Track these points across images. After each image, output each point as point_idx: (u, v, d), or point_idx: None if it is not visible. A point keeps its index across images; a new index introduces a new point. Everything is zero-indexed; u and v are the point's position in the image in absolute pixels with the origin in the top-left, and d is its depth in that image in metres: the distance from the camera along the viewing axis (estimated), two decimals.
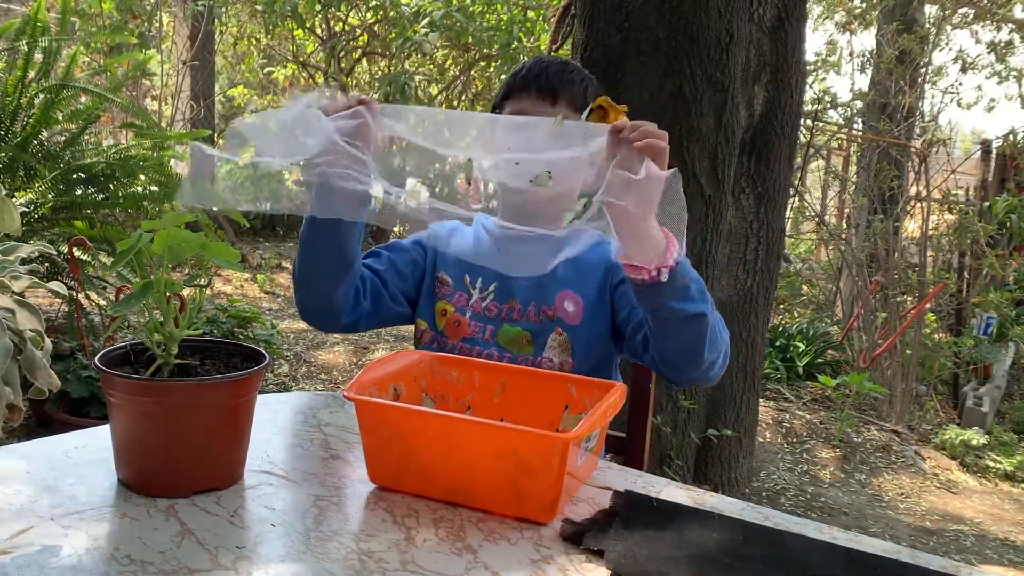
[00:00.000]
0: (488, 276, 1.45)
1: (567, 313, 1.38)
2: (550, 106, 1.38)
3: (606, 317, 1.39)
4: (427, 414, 1.01)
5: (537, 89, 1.39)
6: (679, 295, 1.15)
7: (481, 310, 1.42)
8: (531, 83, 1.40)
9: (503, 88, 1.46)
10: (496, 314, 1.40)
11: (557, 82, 1.39)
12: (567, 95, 1.39)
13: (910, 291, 4.83)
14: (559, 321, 1.37)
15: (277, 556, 0.80)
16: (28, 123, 3.10)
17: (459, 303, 1.43)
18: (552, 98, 1.39)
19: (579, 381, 1.12)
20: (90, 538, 0.81)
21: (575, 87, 1.40)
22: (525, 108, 1.39)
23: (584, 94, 1.39)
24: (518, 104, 1.41)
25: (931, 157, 5.21)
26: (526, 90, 1.40)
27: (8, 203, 0.88)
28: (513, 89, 1.43)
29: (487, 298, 1.43)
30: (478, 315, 1.41)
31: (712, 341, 1.20)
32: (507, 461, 0.90)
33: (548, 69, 1.41)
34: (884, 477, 3.72)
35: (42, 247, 0.94)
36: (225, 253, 0.96)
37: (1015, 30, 6.22)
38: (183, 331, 0.96)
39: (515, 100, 1.42)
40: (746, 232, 3.01)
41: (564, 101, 1.39)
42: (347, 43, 8.03)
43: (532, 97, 1.39)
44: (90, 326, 3.15)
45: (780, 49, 2.88)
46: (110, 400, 0.92)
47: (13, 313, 0.86)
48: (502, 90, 1.46)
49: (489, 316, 1.40)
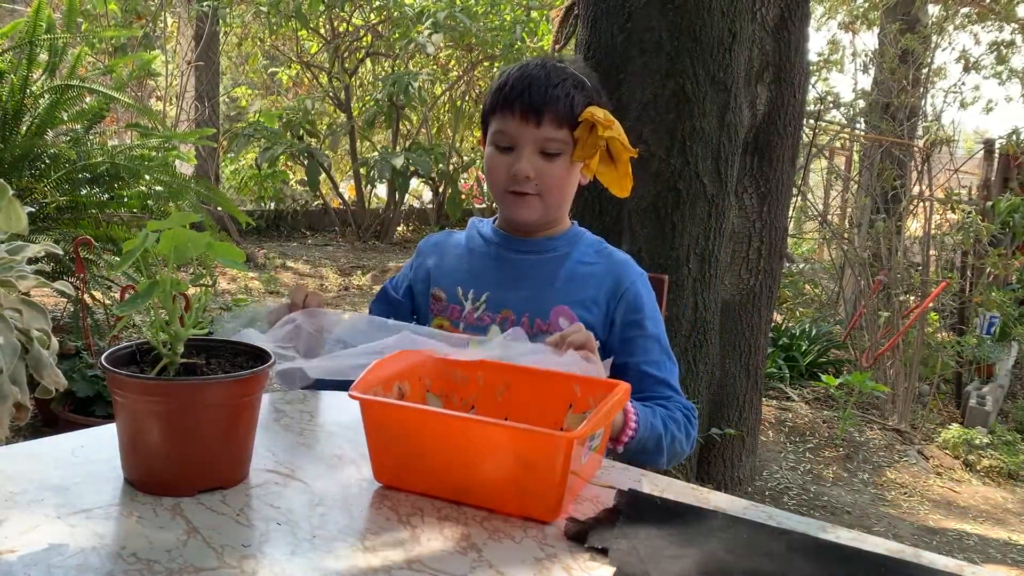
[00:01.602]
0: (481, 286, 1.46)
1: (562, 329, 1.35)
2: (535, 127, 1.38)
3: (599, 342, 1.37)
4: (431, 413, 1.01)
5: (521, 110, 1.38)
6: (636, 453, 1.28)
7: (474, 320, 1.43)
8: (514, 102, 1.38)
9: (488, 100, 1.45)
10: (489, 323, 1.41)
11: (541, 101, 1.37)
12: (552, 114, 1.38)
13: (913, 290, 4.82)
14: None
15: (282, 555, 0.80)
16: (33, 123, 3.11)
17: (453, 316, 1.45)
18: (536, 118, 1.38)
19: (583, 380, 1.12)
20: (96, 537, 0.82)
21: (560, 104, 1.37)
22: (509, 130, 1.40)
23: (571, 108, 1.38)
24: (502, 124, 1.41)
25: (934, 156, 5.20)
26: (509, 109, 1.40)
27: (15, 203, 0.88)
28: (497, 106, 1.42)
29: (479, 308, 1.44)
30: (471, 326, 1.42)
31: (672, 459, 1.34)
32: (511, 460, 0.91)
33: (531, 87, 1.38)
34: (887, 476, 3.71)
35: (48, 247, 0.94)
36: (230, 253, 0.96)
37: (1017, 30, 6.21)
38: (188, 330, 0.96)
39: (500, 119, 1.42)
40: (749, 231, 3.01)
41: (549, 120, 1.38)
42: (351, 43, 8.04)
43: (516, 119, 1.39)
44: (95, 325, 3.16)
45: (783, 49, 2.88)
46: (116, 399, 0.93)
47: (20, 312, 0.86)
48: (487, 103, 1.45)
49: (481, 326, 1.40)
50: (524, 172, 1.39)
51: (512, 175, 1.40)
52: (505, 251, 1.49)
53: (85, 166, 3.15)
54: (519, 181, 1.39)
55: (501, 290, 1.45)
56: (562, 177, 1.42)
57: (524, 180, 1.39)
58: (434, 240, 1.59)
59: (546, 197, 1.41)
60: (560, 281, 1.44)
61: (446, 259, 1.53)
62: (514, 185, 1.40)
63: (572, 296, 1.42)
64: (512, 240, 1.49)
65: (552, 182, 1.41)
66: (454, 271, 1.50)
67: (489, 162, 1.44)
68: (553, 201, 1.43)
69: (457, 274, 1.49)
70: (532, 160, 1.39)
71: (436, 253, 1.55)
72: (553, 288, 1.43)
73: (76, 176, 3.15)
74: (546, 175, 1.40)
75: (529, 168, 1.39)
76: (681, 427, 1.34)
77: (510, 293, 1.44)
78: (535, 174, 1.39)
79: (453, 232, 1.59)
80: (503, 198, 1.44)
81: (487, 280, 1.47)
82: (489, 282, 1.46)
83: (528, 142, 1.39)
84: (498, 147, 1.42)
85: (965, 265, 5.19)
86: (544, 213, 1.44)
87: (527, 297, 1.43)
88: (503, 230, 1.51)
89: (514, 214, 1.45)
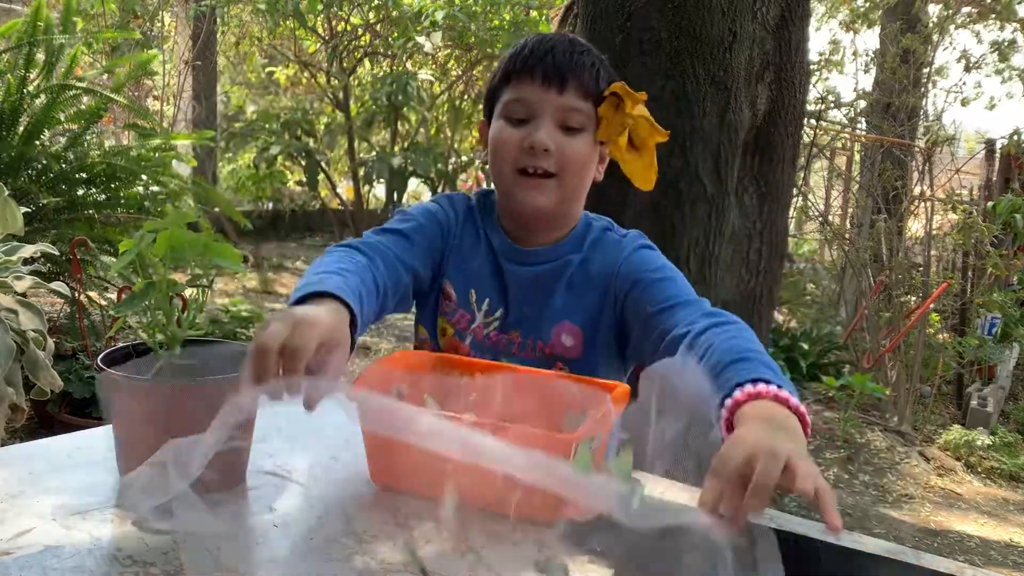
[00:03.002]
0: (496, 297, 1.28)
1: (566, 348, 1.25)
2: (556, 94, 1.20)
3: (609, 339, 1.25)
4: (429, 415, 1.00)
5: (543, 74, 1.20)
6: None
7: (482, 338, 1.27)
8: (535, 66, 1.21)
9: (501, 70, 1.27)
10: (495, 344, 1.27)
11: (565, 66, 1.20)
12: (576, 81, 1.21)
13: (914, 291, 4.81)
14: (558, 356, 1.25)
15: (280, 557, 0.80)
16: (30, 123, 3.10)
17: (459, 325, 1.28)
18: (560, 85, 1.20)
19: (582, 381, 1.12)
20: (92, 539, 0.81)
21: (585, 72, 1.21)
22: (527, 97, 1.21)
23: (596, 79, 1.22)
24: (518, 91, 1.22)
25: (935, 157, 5.20)
26: (528, 74, 1.21)
27: (11, 203, 0.87)
28: (513, 72, 1.23)
29: (490, 325, 1.28)
30: (478, 343, 1.27)
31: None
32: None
33: (554, 50, 1.21)
34: (888, 478, 3.71)
35: (45, 247, 0.94)
36: (227, 254, 0.96)
37: (1018, 29, 6.21)
38: (185, 331, 0.95)
39: (516, 86, 1.23)
40: (749, 232, 3.00)
41: (573, 89, 1.21)
42: (349, 43, 8.03)
43: (536, 84, 1.21)
44: (92, 327, 3.15)
45: (783, 48, 2.87)
46: (112, 401, 0.92)
47: (16, 313, 0.86)
48: (499, 72, 1.27)
49: (487, 346, 1.27)
50: (543, 143, 1.19)
51: (528, 146, 1.20)
52: (514, 264, 1.28)
53: (82, 166, 3.14)
54: (536, 154, 1.20)
55: (512, 306, 1.28)
56: (584, 156, 1.23)
57: (542, 153, 1.20)
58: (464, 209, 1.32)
59: (563, 178, 1.22)
60: (560, 296, 1.26)
61: (464, 247, 1.30)
62: (529, 160, 1.21)
63: (573, 311, 1.26)
64: (521, 252, 1.28)
65: (572, 160, 1.21)
66: (467, 268, 1.29)
67: (498, 137, 1.23)
68: (570, 185, 1.23)
69: (470, 273, 1.29)
70: (551, 133, 1.20)
71: (458, 236, 1.30)
72: (553, 307, 1.26)
73: (73, 177, 3.14)
74: (567, 151, 1.21)
75: (548, 140, 1.19)
76: (760, 346, 1.01)
77: (519, 311, 1.27)
78: (554, 147, 1.20)
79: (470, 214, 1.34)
80: (513, 181, 1.23)
81: (495, 289, 1.29)
82: (498, 292, 1.28)
83: (548, 110, 1.20)
84: (510, 119, 1.23)
85: (966, 266, 5.19)
86: (560, 200, 1.23)
87: (532, 317, 1.27)
88: (508, 232, 1.30)
89: (526, 199, 1.23)
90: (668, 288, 1.19)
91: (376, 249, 1.16)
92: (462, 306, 1.28)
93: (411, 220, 1.26)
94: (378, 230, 1.24)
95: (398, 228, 1.24)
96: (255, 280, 6.11)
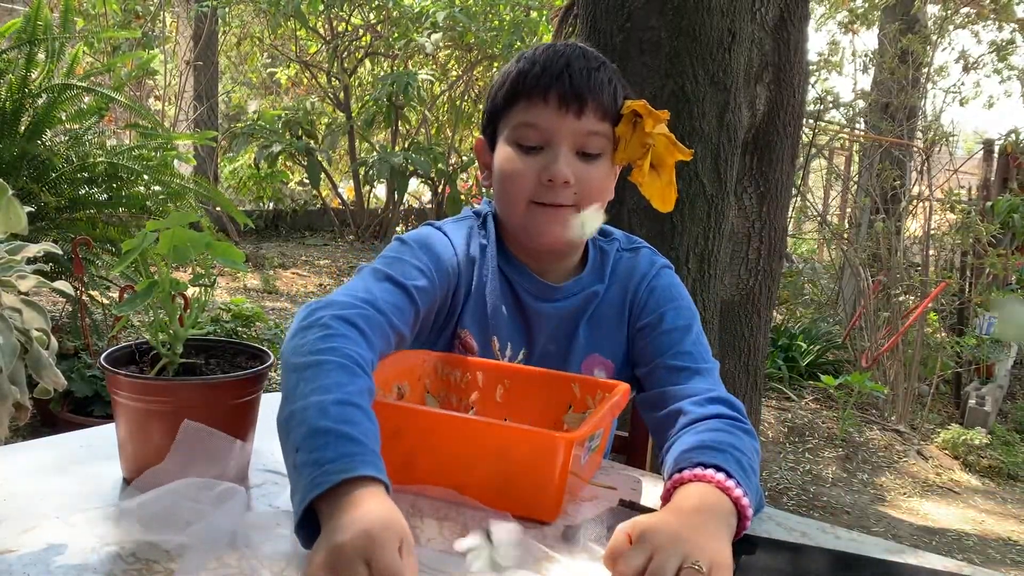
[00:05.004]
0: (519, 338, 1.20)
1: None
2: (574, 118, 1.09)
3: (631, 367, 1.19)
4: (430, 413, 1.01)
5: (559, 97, 1.09)
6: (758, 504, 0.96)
7: None
8: (549, 87, 1.09)
9: (504, 87, 1.14)
10: None
11: (583, 87, 1.09)
12: (595, 103, 1.10)
13: (912, 290, 4.82)
14: None
15: (282, 555, 0.80)
16: (31, 122, 3.11)
17: None
18: (578, 108, 1.09)
19: (583, 381, 1.12)
20: (95, 536, 0.81)
21: (604, 91, 1.11)
22: (540, 122, 1.10)
23: (614, 97, 1.12)
24: (530, 114, 1.11)
25: (933, 156, 5.21)
26: (541, 97, 1.10)
27: (14, 203, 0.88)
28: (523, 92, 1.12)
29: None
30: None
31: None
32: (510, 461, 0.91)
33: (570, 67, 1.10)
34: (886, 476, 3.71)
35: (48, 247, 0.94)
36: (229, 253, 0.96)
37: (1017, 29, 6.21)
38: (187, 330, 0.96)
39: (526, 109, 1.12)
40: (748, 232, 3.01)
41: (591, 111, 1.10)
42: (350, 43, 8.04)
43: (551, 108, 1.10)
44: (94, 326, 3.16)
45: (782, 49, 2.88)
46: (115, 399, 0.93)
47: (20, 312, 0.86)
48: (505, 89, 1.14)
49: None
50: (564, 176, 1.09)
51: (548, 180, 1.10)
52: (539, 302, 1.19)
53: (84, 166, 3.15)
54: (555, 189, 1.10)
55: (535, 344, 1.20)
56: (604, 183, 1.15)
57: (562, 187, 1.10)
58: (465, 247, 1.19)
59: (582, 207, 1.12)
60: (583, 331, 1.19)
61: (477, 291, 1.19)
62: (546, 195, 1.11)
63: (600, 343, 1.19)
64: (545, 288, 1.19)
65: (593, 190, 1.12)
66: (485, 313, 1.19)
67: (509, 166, 1.13)
68: None
69: (489, 319, 1.19)
70: (570, 162, 1.10)
71: (470, 275, 1.19)
72: (578, 342, 1.19)
73: (75, 176, 3.15)
74: (586, 181, 1.11)
75: (568, 172, 1.09)
76: (747, 448, 0.97)
77: (542, 348, 1.20)
78: (574, 179, 1.10)
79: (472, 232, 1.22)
80: (527, 211, 1.13)
81: (517, 330, 1.20)
82: (521, 333, 1.20)
83: (566, 137, 1.10)
84: (521, 146, 1.12)
85: (964, 265, 5.20)
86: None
87: (556, 352, 1.19)
88: (524, 263, 1.20)
89: (544, 232, 1.13)
90: (684, 342, 1.13)
91: (373, 322, 0.98)
92: (484, 355, 1.19)
93: (419, 275, 1.09)
94: (381, 275, 1.06)
95: (404, 283, 1.06)
96: (257, 279, 6.12)
